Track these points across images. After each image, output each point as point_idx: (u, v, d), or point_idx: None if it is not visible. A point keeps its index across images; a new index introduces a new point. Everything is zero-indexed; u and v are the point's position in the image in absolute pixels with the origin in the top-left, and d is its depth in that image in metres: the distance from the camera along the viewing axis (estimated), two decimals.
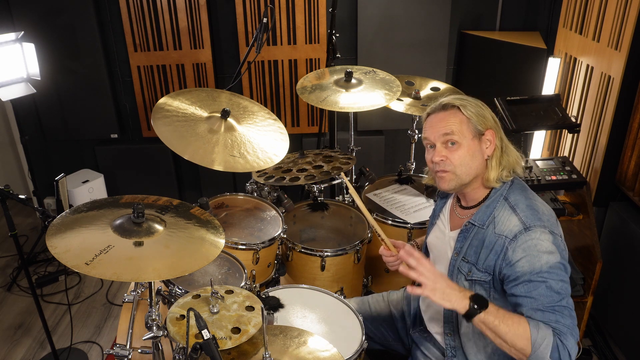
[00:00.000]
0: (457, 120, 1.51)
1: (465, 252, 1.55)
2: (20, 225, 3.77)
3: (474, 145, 1.51)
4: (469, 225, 1.55)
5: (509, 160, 1.54)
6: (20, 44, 2.82)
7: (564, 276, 1.41)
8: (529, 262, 1.40)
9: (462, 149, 1.50)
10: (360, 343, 1.68)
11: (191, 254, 1.43)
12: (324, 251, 2.14)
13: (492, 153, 1.53)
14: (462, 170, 1.51)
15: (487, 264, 1.49)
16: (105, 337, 2.76)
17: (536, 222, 1.44)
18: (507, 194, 1.53)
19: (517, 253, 1.42)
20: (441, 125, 1.52)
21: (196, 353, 1.28)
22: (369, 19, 3.32)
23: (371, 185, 2.55)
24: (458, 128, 1.50)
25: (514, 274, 1.42)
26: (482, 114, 1.53)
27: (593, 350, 2.53)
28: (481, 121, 1.51)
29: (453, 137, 1.50)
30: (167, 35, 3.39)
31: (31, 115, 3.60)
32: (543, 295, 1.38)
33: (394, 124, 3.55)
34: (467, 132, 1.50)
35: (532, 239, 1.41)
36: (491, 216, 1.51)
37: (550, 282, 1.39)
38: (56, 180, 2.60)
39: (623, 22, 2.28)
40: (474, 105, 1.54)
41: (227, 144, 2.03)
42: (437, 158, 1.52)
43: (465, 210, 1.62)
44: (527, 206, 1.48)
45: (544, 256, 1.40)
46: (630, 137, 2.30)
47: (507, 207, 1.50)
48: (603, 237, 2.52)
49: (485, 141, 1.52)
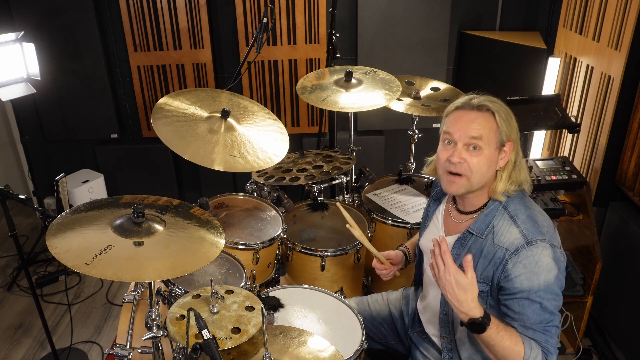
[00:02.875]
0: (488, 126, 1.44)
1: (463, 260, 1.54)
2: (20, 225, 3.77)
3: (494, 155, 1.46)
4: (467, 234, 1.52)
5: (518, 176, 1.49)
6: (20, 44, 2.82)
7: (558, 293, 1.42)
8: (528, 279, 1.39)
9: (482, 156, 1.44)
10: (360, 343, 1.68)
11: (191, 254, 1.43)
12: (324, 251, 2.13)
13: (504, 165, 1.48)
14: (476, 177, 1.46)
15: (485, 275, 1.47)
16: (105, 337, 2.76)
17: (538, 236, 1.41)
18: (506, 202, 1.49)
19: (518, 268, 1.40)
20: (471, 126, 1.44)
21: (196, 353, 1.28)
22: (369, 19, 3.32)
23: (371, 185, 2.55)
24: (487, 134, 1.43)
25: (512, 288, 1.41)
26: (510, 123, 1.47)
27: (593, 350, 2.53)
28: (508, 131, 1.45)
29: (479, 143, 1.43)
30: (167, 35, 3.39)
31: (31, 115, 3.60)
32: (537, 314, 1.40)
33: (394, 124, 3.55)
34: (493, 140, 1.44)
35: (534, 255, 1.39)
36: (490, 225, 1.48)
37: (545, 303, 1.39)
38: (56, 180, 2.60)
39: (623, 22, 2.28)
40: (506, 112, 1.47)
41: (227, 144, 2.03)
42: (455, 159, 1.45)
43: (462, 215, 1.58)
44: (527, 217, 1.46)
45: (543, 274, 1.39)
46: (630, 137, 2.30)
47: (507, 217, 1.47)
48: (603, 237, 2.52)
49: (502, 152, 1.47)
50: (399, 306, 1.92)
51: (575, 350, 2.52)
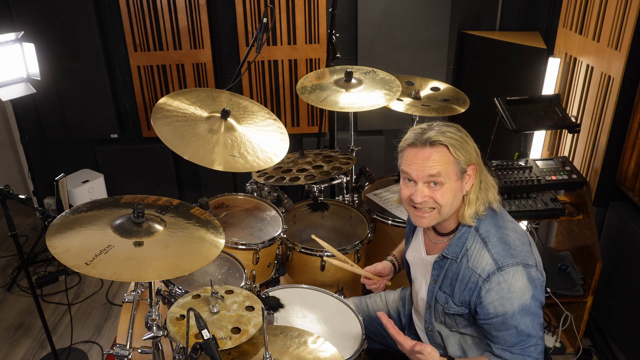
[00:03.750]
0: (444, 161, 1.41)
1: (442, 281, 1.54)
2: (20, 225, 3.77)
3: (457, 185, 1.44)
4: (442, 258, 1.53)
5: (486, 195, 1.48)
6: (20, 44, 2.82)
7: (535, 312, 1.41)
8: (501, 304, 1.40)
9: (444, 189, 1.42)
10: (360, 343, 1.68)
11: (191, 254, 1.43)
12: (324, 251, 2.13)
13: (470, 189, 1.46)
14: (445, 209, 1.45)
15: (462, 299, 1.48)
16: (105, 337, 2.76)
17: (508, 260, 1.40)
18: (478, 224, 1.48)
19: (491, 295, 1.40)
20: (427, 164, 1.41)
21: (196, 353, 1.28)
22: (369, 19, 3.32)
23: (371, 185, 2.55)
24: (445, 170, 1.41)
25: (487, 314, 1.42)
26: (466, 149, 1.43)
27: (593, 350, 2.53)
28: (466, 158, 1.43)
29: (439, 179, 1.41)
30: (167, 35, 3.39)
31: (31, 115, 3.60)
32: (513, 337, 1.42)
33: (394, 124, 3.54)
34: (453, 173, 1.42)
35: (506, 281, 1.39)
36: (464, 248, 1.47)
37: (521, 326, 1.40)
38: (56, 180, 2.60)
39: (623, 22, 2.28)
40: (460, 142, 1.43)
41: (227, 144, 2.03)
42: (418, 199, 1.43)
43: (439, 237, 1.58)
44: (498, 239, 1.44)
45: (516, 299, 1.39)
46: (630, 137, 2.30)
47: (479, 240, 1.46)
48: (603, 237, 2.51)
49: (465, 176, 1.45)
50: (396, 307, 1.92)
51: (575, 350, 2.52)
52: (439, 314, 1.58)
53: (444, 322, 1.58)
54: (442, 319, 1.58)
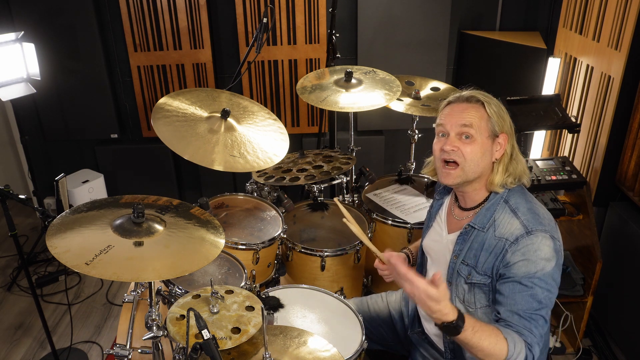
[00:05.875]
0: (478, 115, 1.49)
1: (465, 254, 1.54)
2: (20, 225, 3.77)
3: (487, 144, 1.50)
4: (469, 228, 1.54)
5: (516, 168, 1.53)
6: (20, 44, 2.82)
7: (552, 286, 1.42)
8: (525, 265, 1.41)
9: (475, 145, 1.48)
10: (360, 343, 1.68)
11: (191, 254, 1.43)
12: (324, 251, 2.13)
13: (500, 157, 1.52)
14: (471, 166, 1.49)
15: (486, 267, 1.49)
16: (105, 337, 2.76)
17: (538, 227, 1.44)
18: (508, 196, 1.52)
19: (516, 256, 1.42)
20: (461, 115, 1.49)
21: (196, 353, 1.28)
22: (369, 19, 3.32)
23: (371, 185, 2.55)
24: (477, 123, 1.48)
25: (508, 273, 1.43)
26: (502, 116, 1.52)
27: (593, 350, 2.53)
28: (500, 123, 1.50)
29: (470, 131, 1.48)
30: (167, 35, 3.39)
31: (31, 115, 3.60)
32: (525, 300, 1.41)
33: (394, 124, 3.55)
34: (485, 129, 1.49)
35: (534, 243, 1.42)
36: (492, 219, 1.51)
37: (536, 290, 1.40)
38: (56, 180, 2.60)
39: (623, 22, 2.28)
40: (497, 105, 1.52)
41: (227, 144, 2.03)
42: (448, 147, 1.49)
43: (464, 212, 1.61)
44: (528, 209, 1.48)
45: (540, 262, 1.41)
46: (630, 137, 2.30)
47: (508, 210, 1.50)
48: (603, 237, 2.52)
49: (497, 144, 1.51)
50: (398, 307, 1.92)
51: (575, 350, 2.52)
52: (460, 289, 1.55)
53: (462, 299, 1.55)
54: (462, 296, 1.55)
